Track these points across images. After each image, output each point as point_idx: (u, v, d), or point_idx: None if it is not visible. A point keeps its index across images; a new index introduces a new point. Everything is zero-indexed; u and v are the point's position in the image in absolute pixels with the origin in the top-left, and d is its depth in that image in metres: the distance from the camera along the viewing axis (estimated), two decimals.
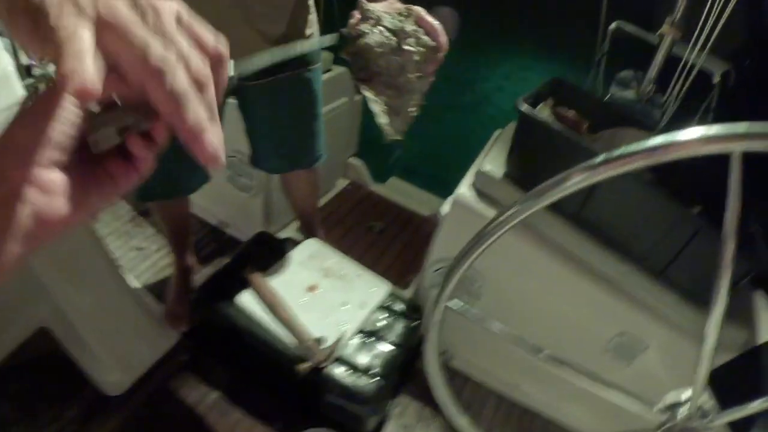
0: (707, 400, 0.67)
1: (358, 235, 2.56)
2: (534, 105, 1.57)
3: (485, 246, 0.73)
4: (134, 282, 2.11)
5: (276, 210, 2.34)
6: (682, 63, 1.91)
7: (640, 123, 1.72)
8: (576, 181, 0.62)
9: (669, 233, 1.41)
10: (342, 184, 2.86)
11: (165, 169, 1.60)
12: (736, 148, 0.52)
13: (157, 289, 2.12)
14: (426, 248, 1.90)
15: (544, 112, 1.57)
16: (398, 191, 2.91)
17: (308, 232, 2.17)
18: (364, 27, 1.10)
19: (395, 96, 1.17)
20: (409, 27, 1.09)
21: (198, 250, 2.33)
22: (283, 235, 2.34)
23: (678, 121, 2.18)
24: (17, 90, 1.35)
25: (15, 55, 1.44)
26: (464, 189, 1.63)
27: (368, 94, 1.13)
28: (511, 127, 1.88)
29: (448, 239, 1.76)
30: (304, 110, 1.67)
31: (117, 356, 1.73)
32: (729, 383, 1.48)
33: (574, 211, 1.51)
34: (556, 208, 1.53)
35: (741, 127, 0.50)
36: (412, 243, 2.55)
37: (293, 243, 1.92)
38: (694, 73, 1.94)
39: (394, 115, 1.20)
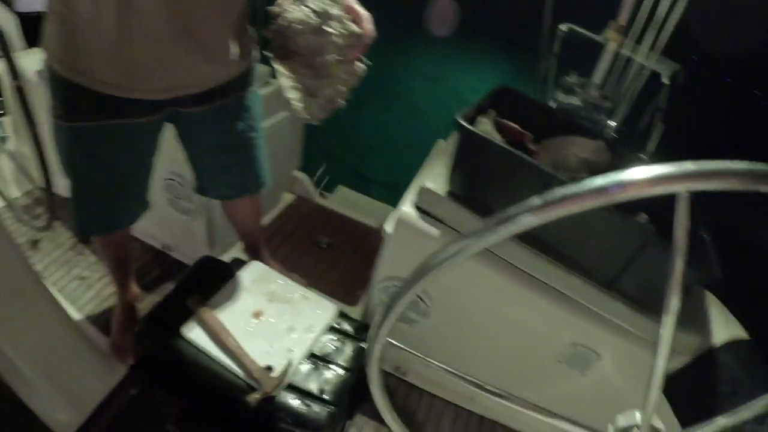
0: (661, 424, 0.67)
1: (305, 251, 2.54)
2: (475, 117, 1.58)
3: (416, 287, 0.73)
4: (77, 314, 2.06)
5: (219, 231, 2.31)
6: (626, 65, 1.96)
7: (585, 130, 1.75)
8: (525, 221, 0.61)
9: (617, 245, 1.43)
10: (288, 198, 2.83)
11: (102, 204, 1.56)
12: (682, 189, 0.52)
13: (102, 319, 2.07)
14: (375, 261, 1.90)
15: (485, 125, 1.58)
16: (346, 203, 2.91)
17: (253, 253, 2.14)
18: (288, 5, 1.15)
19: (312, 77, 1.19)
20: (335, 11, 1.12)
21: (142, 276, 2.29)
22: (228, 255, 2.31)
23: (629, 125, 2.23)
24: None
25: None
26: (407, 207, 1.64)
27: (280, 68, 1.17)
28: (453, 138, 1.89)
29: (393, 258, 1.77)
30: (247, 135, 1.64)
31: (65, 393, 1.68)
32: (685, 392, 1.52)
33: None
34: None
35: (689, 165, 0.50)
36: (360, 256, 2.55)
37: (238, 264, 1.90)
38: (644, 74, 1.99)
39: (309, 96, 1.22)
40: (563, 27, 3.20)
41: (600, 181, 0.53)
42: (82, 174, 1.49)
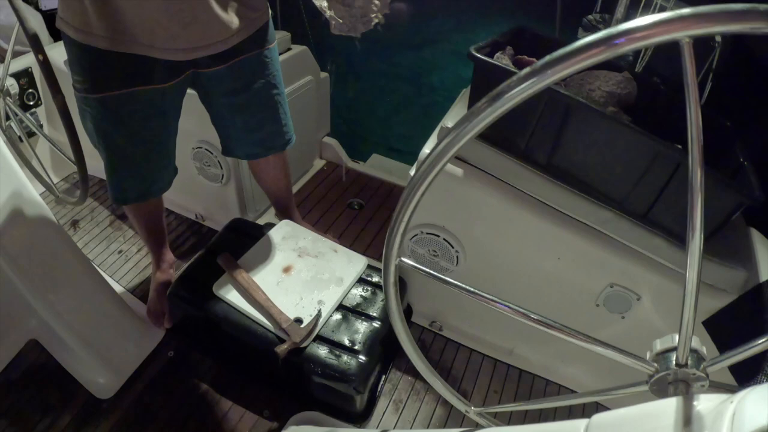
0: (700, 345, 0.62)
1: (338, 214, 2.52)
2: (492, 54, 1.52)
3: (424, 187, 0.69)
4: (117, 286, 2.10)
5: (251, 197, 2.32)
6: None
7: (609, 64, 1.64)
8: (520, 89, 0.56)
9: (648, 171, 1.32)
10: (319, 164, 2.82)
11: (135, 171, 1.57)
12: (683, 36, 0.48)
13: (141, 289, 2.12)
14: None
15: (502, 60, 1.52)
16: (378, 167, 2.87)
17: (284, 215, 2.14)
18: None
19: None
20: None
21: (178, 245, 2.32)
22: (261, 221, 2.32)
23: None
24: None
25: None
26: (428, 149, 1.59)
27: None
28: None
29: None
30: (267, 92, 1.64)
31: (105, 359, 1.72)
32: (729, 327, 1.43)
33: (544, 161, 1.46)
34: (525, 158, 1.49)
35: (686, 10, 0.46)
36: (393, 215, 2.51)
37: (269, 226, 1.90)
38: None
39: (342, 5, 1.21)
40: None
41: (600, 33, 0.49)
42: (114, 144, 1.50)
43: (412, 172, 1.63)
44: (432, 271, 0.78)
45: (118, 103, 1.40)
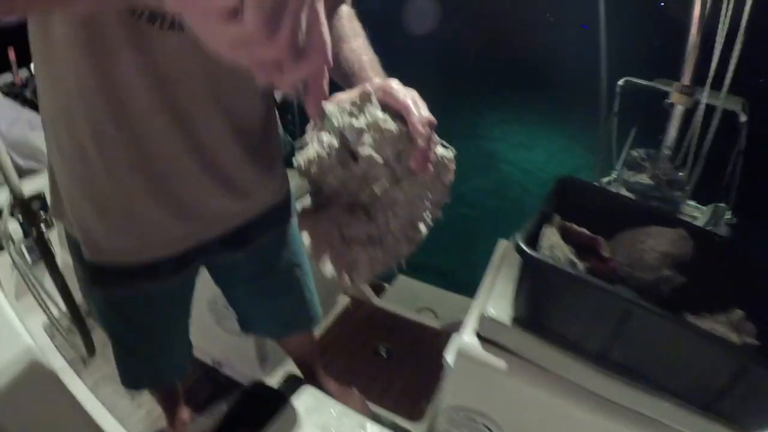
0: None
1: (365, 362, 2.37)
2: (539, 230, 1.40)
3: None
4: None
5: (271, 347, 2.18)
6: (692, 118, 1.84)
7: (660, 215, 1.54)
8: None
9: (713, 368, 1.20)
10: (343, 301, 2.69)
11: (144, 363, 1.42)
12: None
13: None
14: (440, 370, 1.69)
15: (550, 237, 1.40)
16: (406, 296, 2.74)
17: (306, 370, 2.00)
18: (310, 135, 0.75)
19: (364, 222, 0.78)
20: (364, 120, 0.72)
21: (193, 395, 2.18)
22: (282, 370, 2.18)
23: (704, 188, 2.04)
24: None
25: None
26: (468, 337, 1.45)
27: (306, 232, 0.75)
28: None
29: (457, 388, 1.57)
30: (291, 273, 1.45)
31: None
32: None
33: (599, 352, 1.32)
34: (575, 349, 1.34)
35: None
36: (424, 363, 2.35)
37: (291, 384, 1.75)
38: (716, 118, 1.83)
39: (372, 248, 0.79)
40: (621, 82, 3.07)
41: None
42: (119, 336, 1.35)
43: (449, 359, 1.49)
44: None
45: (119, 301, 1.23)
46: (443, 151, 0.79)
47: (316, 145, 0.73)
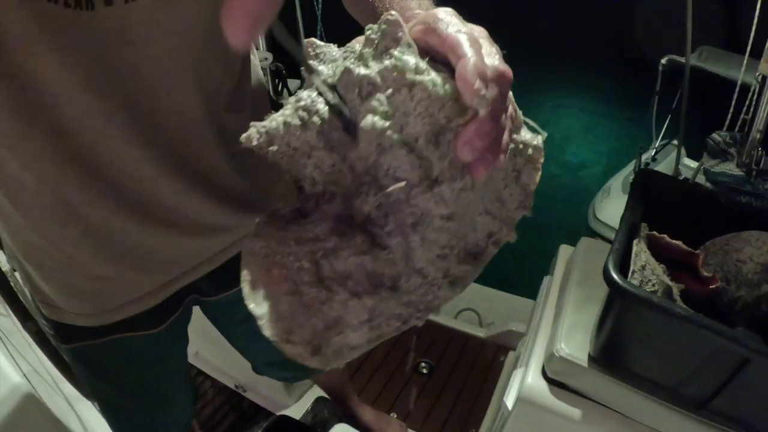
0: None
1: (403, 383, 2.10)
2: (628, 243, 1.11)
3: None
4: None
5: None
6: None
7: (755, 212, 1.27)
8: None
9: None
10: None
11: (137, 424, 1.13)
12: None
13: None
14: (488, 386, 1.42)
15: (641, 256, 1.10)
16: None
17: (337, 397, 1.76)
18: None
19: (363, 251, 0.41)
20: (378, 67, 0.38)
21: (216, 424, 1.96)
22: (311, 394, 1.94)
23: None
24: None
25: None
26: (533, 379, 1.18)
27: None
28: (585, 248, 1.43)
29: None
30: None
31: None
32: None
33: (701, 400, 1.04)
34: (671, 398, 1.07)
35: None
36: (471, 380, 2.08)
37: (321, 409, 1.53)
38: None
39: (373, 298, 0.42)
40: (664, 60, 2.74)
41: None
42: (104, 396, 1.08)
43: (509, 403, 1.22)
44: None
45: (96, 355, 0.95)
46: (527, 135, 0.45)
47: (288, 109, 0.41)
